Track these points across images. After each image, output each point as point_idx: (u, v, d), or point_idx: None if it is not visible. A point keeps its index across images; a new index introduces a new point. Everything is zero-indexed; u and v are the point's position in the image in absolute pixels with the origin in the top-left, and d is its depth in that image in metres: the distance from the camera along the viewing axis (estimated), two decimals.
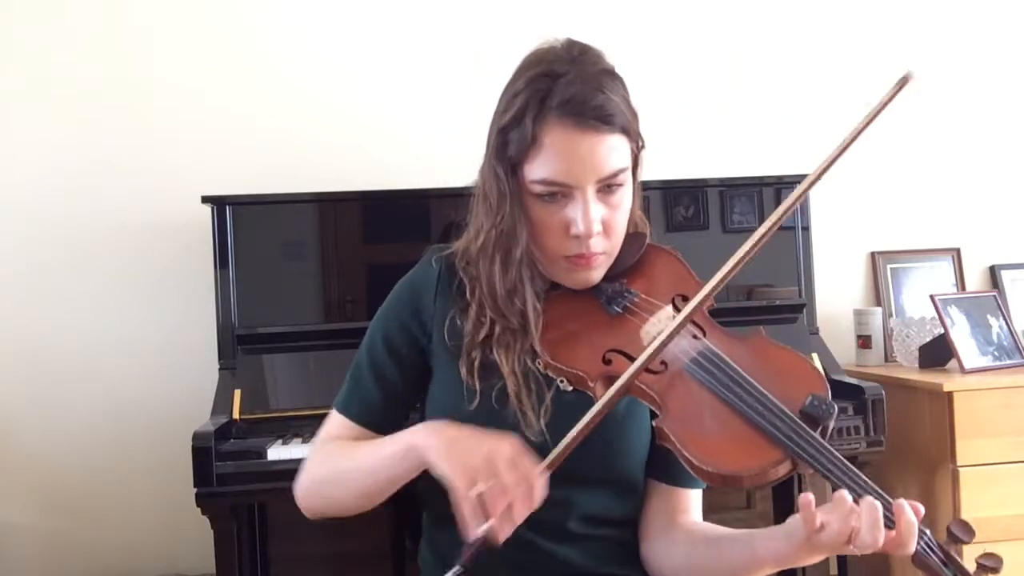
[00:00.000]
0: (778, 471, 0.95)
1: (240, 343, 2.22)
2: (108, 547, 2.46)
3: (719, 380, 1.01)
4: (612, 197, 1.12)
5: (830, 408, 0.97)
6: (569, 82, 1.07)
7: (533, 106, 1.07)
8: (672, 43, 2.74)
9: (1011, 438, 2.30)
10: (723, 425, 0.98)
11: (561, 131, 1.07)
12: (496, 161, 1.12)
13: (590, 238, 1.10)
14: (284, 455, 1.95)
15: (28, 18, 2.49)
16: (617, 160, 1.10)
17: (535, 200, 1.11)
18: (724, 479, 0.96)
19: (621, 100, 1.11)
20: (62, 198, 2.48)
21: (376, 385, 1.22)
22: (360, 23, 2.62)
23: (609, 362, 1.07)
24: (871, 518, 0.91)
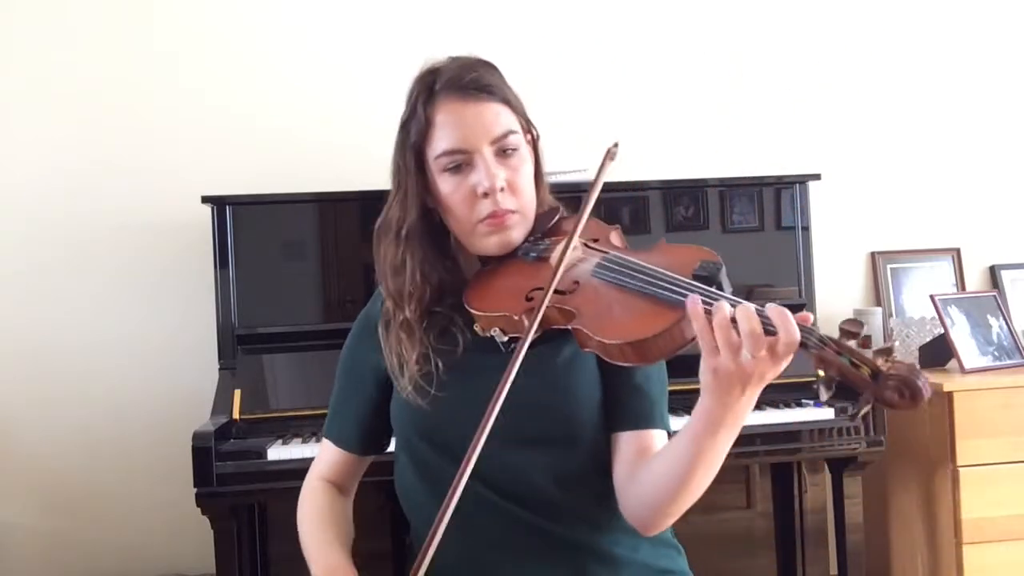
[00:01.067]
0: (683, 329, 1.02)
1: (240, 343, 2.22)
2: (108, 547, 2.46)
3: (619, 273, 1.11)
4: (510, 160, 1.22)
5: (718, 264, 1.07)
6: (449, 69, 1.24)
7: (422, 95, 1.23)
8: (672, 43, 2.74)
9: (1011, 438, 2.30)
10: (628, 307, 1.08)
11: (449, 105, 1.21)
12: (399, 155, 1.26)
13: (496, 193, 1.19)
14: (284, 455, 1.95)
15: (28, 18, 2.49)
16: (504, 122, 1.22)
17: (443, 177, 1.22)
18: (636, 349, 1.03)
19: (499, 79, 1.25)
20: (62, 198, 2.48)
21: (350, 413, 1.34)
22: (360, 23, 2.62)
23: (531, 299, 1.16)
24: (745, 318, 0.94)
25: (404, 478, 1.29)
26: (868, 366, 0.92)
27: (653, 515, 1.16)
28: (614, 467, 1.22)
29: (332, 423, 1.37)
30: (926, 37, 2.88)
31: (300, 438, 2.02)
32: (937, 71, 2.89)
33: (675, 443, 1.11)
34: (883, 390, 0.90)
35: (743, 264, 2.45)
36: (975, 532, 2.26)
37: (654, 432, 1.22)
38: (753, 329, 0.93)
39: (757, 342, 0.94)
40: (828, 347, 0.94)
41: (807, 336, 0.94)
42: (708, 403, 1.02)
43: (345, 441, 1.35)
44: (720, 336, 0.95)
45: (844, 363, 0.93)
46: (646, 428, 1.22)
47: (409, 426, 1.26)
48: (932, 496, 2.37)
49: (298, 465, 1.91)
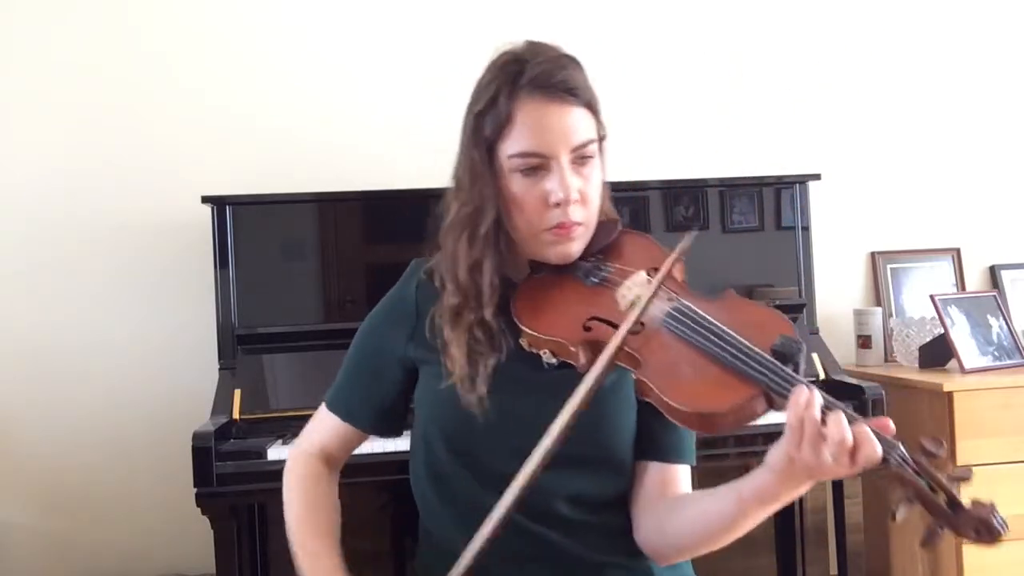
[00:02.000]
0: (754, 407, 0.99)
1: (240, 343, 2.22)
2: (108, 547, 2.46)
3: (693, 330, 1.06)
4: (584, 168, 1.18)
5: (799, 344, 1.02)
6: (536, 63, 1.16)
7: (505, 88, 1.16)
8: (672, 43, 2.74)
9: (1011, 438, 2.30)
10: (699, 370, 1.03)
11: (533, 105, 1.15)
12: (472, 146, 1.19)
13: (569, 205, 1.15)
14: (284, 455, 1.91)
15: (28, 18, 2.49)
16: (586, 131, 1.18)
17: (514, 177, 1.17)
18: (703, 419, 1.00)
19: (584, 79, 1.20)
20: (62, 198, 2.48)
21: (365, 393, 1.30)
22: (360, 23, 2.62)
23: (589, 328, 1.12)
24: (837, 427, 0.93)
25: (417, 472, 1.27)
26: (946, 493, 0.92)
27: (675, 553, 1.18)
28: (635, 492, 1.23)
29: (340, 397, 1.31)
30: (926, 37, 2.88)
31: None
32: (937, 71, 2.89)
33: (718, 499, 1.10)
34: (960, 524, 0.91)
35: (743, 264, 2.45)
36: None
37: (680, 467, 1.23)
38: (844, 439, 0.92)
39: (843, 450, 0.92)
40: (908, 466, 0.93)
41: (889, 451, 0.93)
42: (769, 480, 1.02)
43: (355, 417, 1.30)
44: (808, 432, 0.94)
45: (923, 486, 0.92)
46: (675, 463, 1.22)
47: (433, 424, 1.23)
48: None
49: None
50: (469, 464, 1.19)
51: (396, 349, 1.27)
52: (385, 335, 1.29)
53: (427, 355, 1.24)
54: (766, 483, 1.02)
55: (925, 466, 0.93)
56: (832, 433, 0.92)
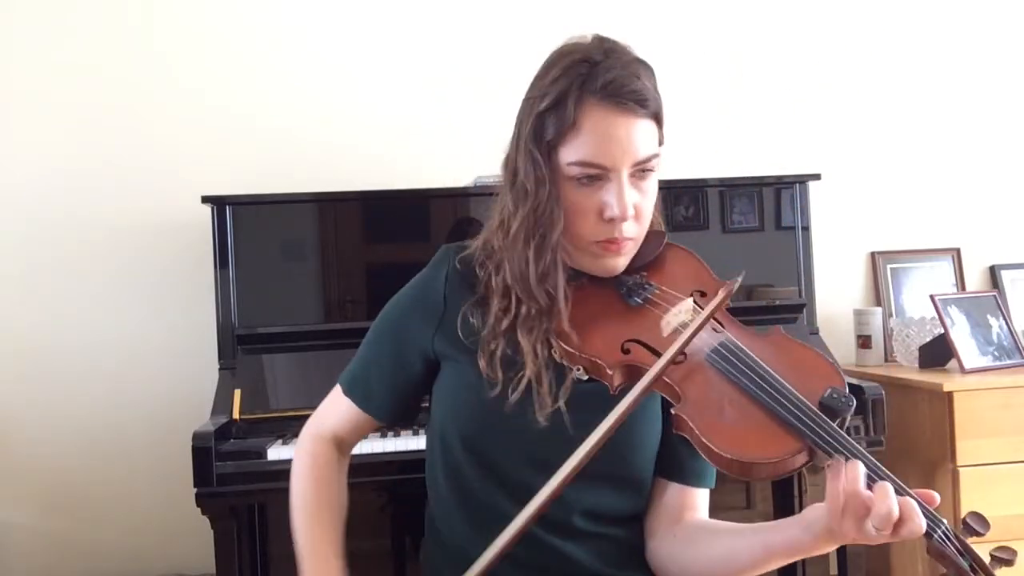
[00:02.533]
0: (795, 461, 0.96)
1: (240, 343, 2.22)
2: (108, 547, 2.46)
3: (739, 370, 1.02)
4: (643, 183, 1.14)
5: (848, 401, 0.98)
6: (608, 67, 1.10)
7: (574, 89, 1.10)
8: (672, 43, 2.74)
9: (1011, 438, 2.30)
10: (742, 414, 0.99)
11: (601, 113, 1.09)
12: (533, 145, 1.13)
13: (624, 221, 1.11)
14: (284, 455, 1.95)
15: (28, 18, 2.49)
16: (650, 144, 1.13)
17: (570, 184, 1.12)
18: (742, 467, 0.96)
19: (654, 87, 1.14)
20: (62, 198, 2.48)
21: (385, 380, 1.25)
22: (360, 23, 2.62)
23: (628, 351, 1.08)
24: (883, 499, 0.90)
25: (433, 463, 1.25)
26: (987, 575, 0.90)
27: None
28: (652, 509, 1.22)
29: (358, 383, 1.27)
30: (926, 37, 2.88)
31: None
32: (937, 71, 2.89)
33: (744, 540, 1.09)
34: None
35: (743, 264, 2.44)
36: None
37: (700, 491, 1.22)
38: (891, 514, 0.89)
39: (888, 524, 0.90)
40: (950, 544, 0.91)
41: (933, 527, 0.91)
42: (804, 540, 1.00)
43: (374, 407, 1.26)
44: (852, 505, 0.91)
45: (964, 567, 0.90)
46: (694, 487, 1.21)
47: (451, 423, 1.20)
48: None
49: None
50: (485, 466, 1.17)
51: (420, 340, 1.22)
52: (410, 324, 1.23)
53: (453, 351, 1.20)
54: (799, 541, 1.00)
55: (968, 545, 0.91)
56: (879, 507, 0.89)
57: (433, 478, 1.26)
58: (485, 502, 1.17)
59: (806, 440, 0.95)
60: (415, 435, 1.96)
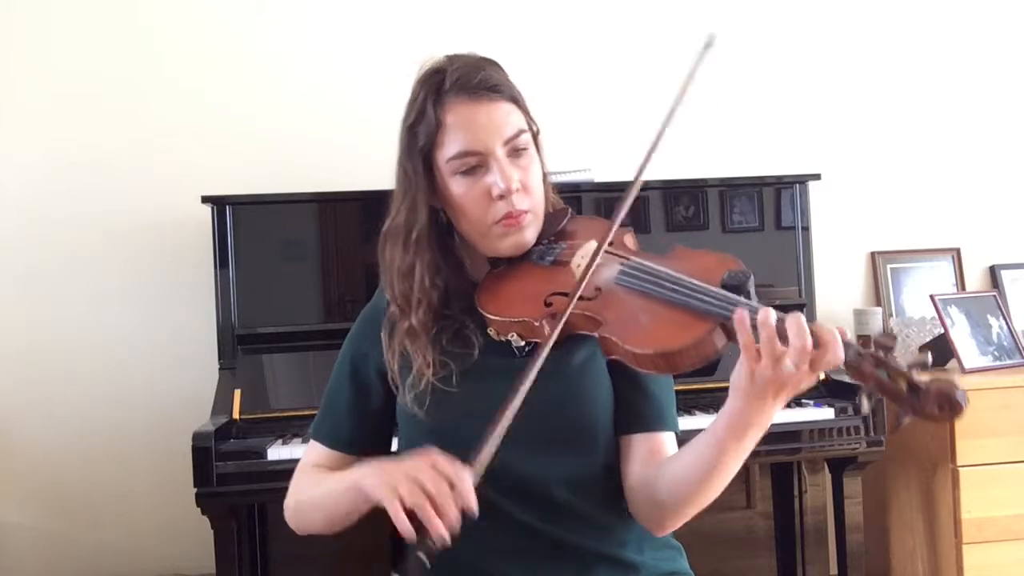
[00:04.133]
0: (716, 340, 1.02)
1: (240, 343, 2.22)
2: (108, 547, 2.46)
3: (644, 280, 1.11)
4: (521, 160, 1.21)
5: (746, 274, 1.06)
6: (455, 69, 1.21)
7: (431, 97, 1.21)
8: (672, 43, 2.73)
9: (1011, 438, 2.30)
10: (656, 316, 1.07)
11: (460, 107, 1.19)
12: (407, 159, 1.23)
13: (512, 194, 1.19)
14: (284, 455, 1.95)
15: (28, 19, 2.49)
16: (515, 121, 1.21)
17: (455, 179, 1.20)
18: (668, 359, 1.03)
19: (504, 76, 1.24)
20: (62, 198, 2.48)
21: (346, 412, 1.30)
22: (360, 23, 2.62)
23: (550, 304, 1.15)
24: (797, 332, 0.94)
25: None
26: (905, 379, 0.93)
27: (667, 515, 1.17)
28: (625, 469, 1.23)
29: (323, 422, 1.32)
30: (926, 37, 2.88)
31: (300, 438, 2.02)
32: (937, 71, 2.89)
33: (696, 445, 1.11)
34: (923, 404, 0.92)
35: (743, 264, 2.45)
36: (975, 532, 2.26)
37: (664, 434, 1.23)
38: (805, 344, 0.93)
39: (804, 355, 0.94)
40: (866, 361, 0.95)
41: (846, 351, 0.95)
42: (738, 405, 1.02)
43: (344, 442, 1.30)
44: (765, 347, 0.95)
45: (882, 377, 0.94)
46: (658, 431, 1.23)
47: (415, 429, 1.23)
48: (932, 496, 2.37)
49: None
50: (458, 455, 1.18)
51: (375, 359, 1.27)
52: (363, 347, 1.30)
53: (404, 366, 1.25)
54: (734, 410, 1.02)
55: (881, 357, 0.94)
56: (793, 341, 0.94)
57: None
58: None
59: (717, 318, 1.01)
60: None
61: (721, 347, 1.02)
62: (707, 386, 2.12)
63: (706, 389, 2.13)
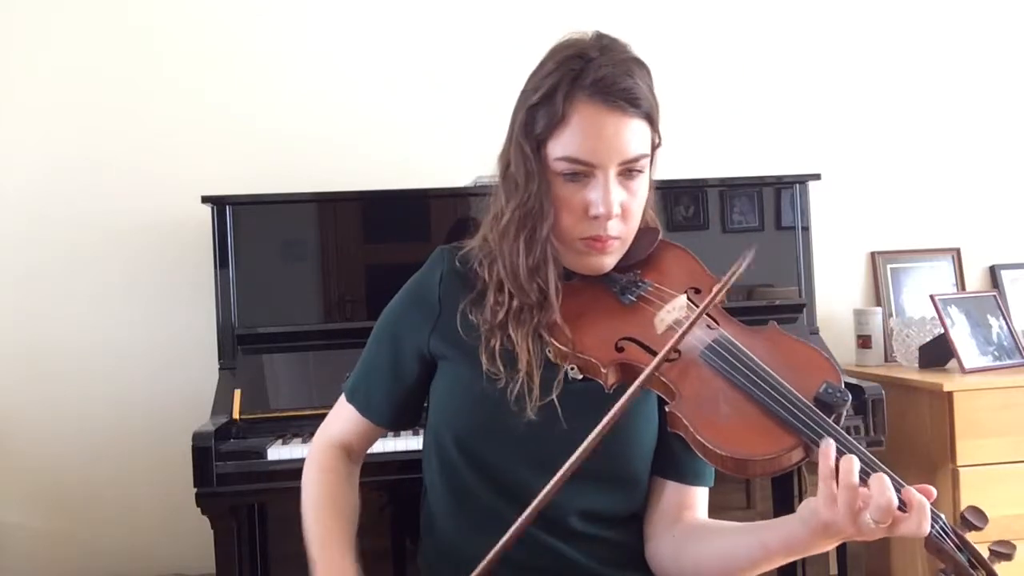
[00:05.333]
0: (791, 457, 0.96)
1: (240, 343, 2.22)
2: (108, 547, 2.46)
3: (733, 367, 1.02)
4: (632, 183, 1.14)
5: (844, 396, 0.98)
6: (600, 64, 1.10)
7: (564, 84, 1.10)
8: (672, 43, 2.74)
9: (1011, 438, 2.30)
10: (737, 411, 0.98)
11: (590, 109, 1.09)
12: (523, 139, 1.13)
13: (609, 219, 1.11)
14: (284, 455, 1.95)
15: (28, 19, 2.49)
16: (640, 144, 1.12)
17: (557, 179, 1.12)
18: (738, 464, 0.96)
19: (647, 88, 1.14)
20: (62, 198, 2.48)
21: (384, 385, 1.25)
22: (360, 23, 2.62)
23: (622, 349, 1.07)
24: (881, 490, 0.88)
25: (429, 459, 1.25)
26: (986, 571, 0.89)
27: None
28: (651, 509, 1.21)
29: (359, 390, 1.27)
30: (926, 37, 2.88)
31: (300, 438, 2.02)
32: (937, 71, 2.89)
33: (742, 539, 1.07)
34: None
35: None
36: (975, 532, 2.26)
37: (699, 489, 1.21)
38: (890, 504, 0.88)
39: (887, 515, 0.88)
40: (948, 540, 0.90)
41: (932, 523, 0.90)
42: (800, 535, 0.98)
43: (374, 413, 1.27)
44: (844, 496, 0.90)
45: (963, 561, 0.89)
46: (694, 485, 1.21)
47: (446, 423, 1.20)
48: None
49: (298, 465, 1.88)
50: (479, 466, 1.17)
51: (416, 342, 1.22)
52: (404, 327, 1.24)
53: (450, 351, 1.20)
54: (796, 538, 0.98)
55: (967, 540, 0.90)
56: (877, 499, 0.88)
57: (430, 479, 1.26)
58: (481, 502, 1.17)
59: (801, 436, 0.95)
60: (415, 435, 1.96)
61: (796, 463, 0.97)
62: None
63: None
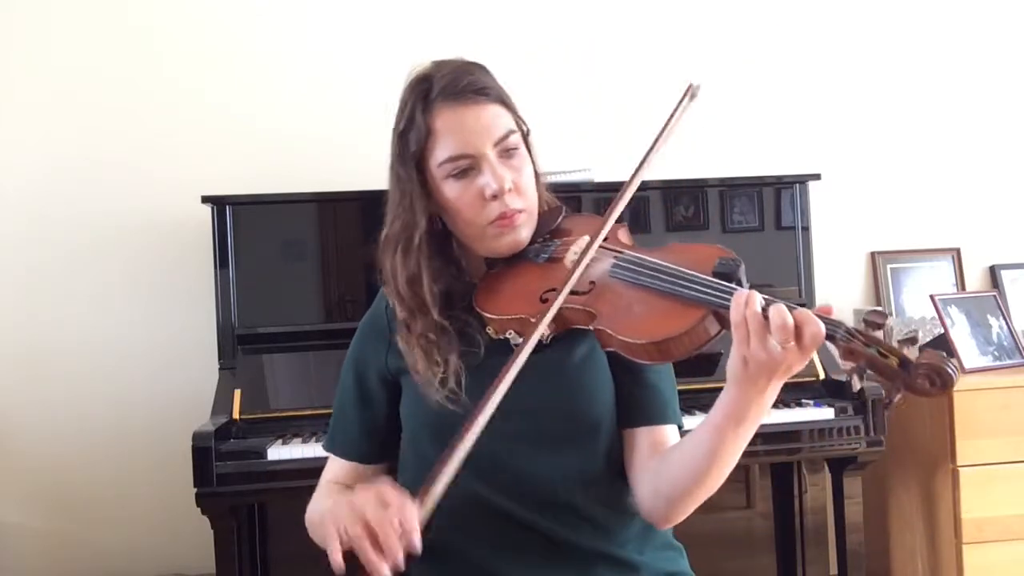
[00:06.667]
0: (708, 327, 1.04)
1: (240, 343, 2.22)
2: (108, 547, 2.46)
3: (636, 272, 1.13)
4: (512, 160, 1.23)
5: (737, 262, 1.08)
6: (442, 76, 1.22)
7: (419, 104, 1.22)
8: (672, 43, 2.74)
9: (1011, 438, 2.30)
10: (649, 306, 1.09)
11: (448, 112, 1.20)
12: (400, 166, 1.25)
13: (504, 194, 1.20)
14: (284, 455, 1.95)
15: (28, 19, 2.49)
16: (504, 124, 1.22)
17: (447, 183, 1.22)
18: (661, 348, 1.05)
19: (491, 79, 1.25)
20: (62, 198, 2.48)
21: (355, 422, 1.31)
22: (360, 23, 2.62)
23: (546, 300, 1.16)
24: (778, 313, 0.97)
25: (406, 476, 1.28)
26: (896, 355, 0.94)
27: (670, 507, 1.18)
28: (629, 463, 1.23)
29: (336, 437, 1.34)
30: (926, 37, 2.88)
31: (300, 438, 2.02)
32: (937, 71, 2.89)
33: (695, 435, 1.12)
34: (913, 379, 0.94)
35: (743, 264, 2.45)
36: (975, 532, 2.26)
37: (668, 428, 1.24)
38: (785, 322, 0.96)
39: (786, 333, 0.96)
40: (856, 339, 0.96)
41: (834, 328, 0.97)
42: (733, 393, 1.03)
43: (354, 451, 1.31)
44: (753, 326, 0.97)
45: (873, 353, 0.95)
46: (661, 424, 1.24)
47: (422, 428, 1.24)
48: (932, 496, 2.37)
49: (298, 465, 1.92)
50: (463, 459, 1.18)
51: (377, 364, 1.29)
52: (366, 355, 1.31)
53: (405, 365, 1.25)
54: (731, 397, 1.04)
55: (871, 335, 0.96)
56: (774, 320, 0.96)
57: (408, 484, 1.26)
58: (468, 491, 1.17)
59: (708, 305, 1.03)
60: None
61: (714, 334, 1.04)
62: (707, 386, 2.12)
63: (706, 389, 2.13)
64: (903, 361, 0.94)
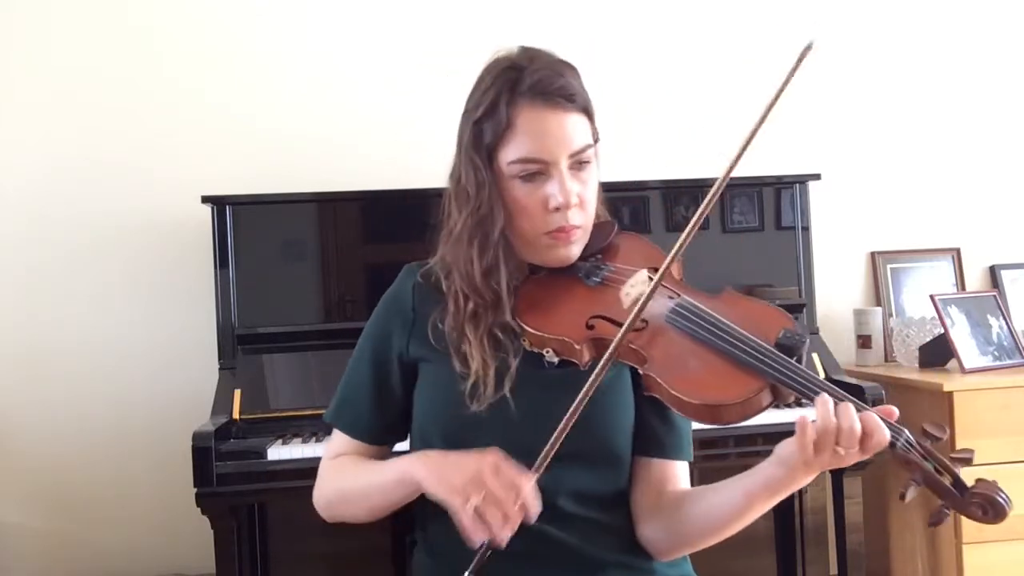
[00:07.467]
0: (761, 400, 1.02)
1: (240, 343, 2.22)
2: (108, 547, 2.46)
3: (697, 325, 1.09)
4: (582, 173, 1.20)
5: (802, 337, 1.06)
6: (534, 70, 1.18)
7: (505, 94, 1.17)
8: (672, 43, 2.74)
9: (1011, 438, 2.30)
10: (705, 364, 1.06)
11: (532, 111, 1.17)
12: (473, 152, 1.20)
13: (569, 209, 1.18)
14: (284, 455, 1.95)
15: (28, 19, 2.49)
16: (583, 136, 1.20)
17: (513, 182, 1.19)
18: (712, 411, 1.03)
19: (579, 85, 1.22)
20: (62, 198, 2.48)
21: (367, 400, 1.28)
22: (360, 23, 2.62)
23: (592, 327, 1.14)
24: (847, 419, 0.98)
25: None
26: (951, 474, 0.97)
27: (679, 547, 1.20)
28: (635, 489, 1.24)
29: (343, 410, 1.29)
30: (925, 38, 2.88)
31: (300, 438, 2.02)
32: (937, 71, 2.89)
33: (724, 494, 1.12)
34: (966, 504, 0.96)
35: (743, 264, 2.45)
36: (975, 532, 2.26)
37: (679, 463, 1.24)
38: (854, 429, 0.97)
39: (853, 441, 0.98)
40: (915, 450, 0.98)
41: (896, 438, 0.99)
42: (777, 473, 1.05)
43: (363, 430, 1.28)
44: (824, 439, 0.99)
45: (929, 468, 0.98)
46: (675, 459, 1.24)
47: (432, 423, 1.22)
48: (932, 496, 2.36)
49: (298, 465, 1.92)
50: None
51: (396, 347, 1.26)
52: (384, 335, 1.27)
53: (427, 354, 1.23)
54: (776, 477, 1.05)
55: (930, 449, 0.97)
56: (843, 426, 0.96)
57: None
58: None
59: (767, 378, 1.02)
60: None
61: (765, 406, 1.03)
62: None
63: None
64: (957, 482, 0.96)
